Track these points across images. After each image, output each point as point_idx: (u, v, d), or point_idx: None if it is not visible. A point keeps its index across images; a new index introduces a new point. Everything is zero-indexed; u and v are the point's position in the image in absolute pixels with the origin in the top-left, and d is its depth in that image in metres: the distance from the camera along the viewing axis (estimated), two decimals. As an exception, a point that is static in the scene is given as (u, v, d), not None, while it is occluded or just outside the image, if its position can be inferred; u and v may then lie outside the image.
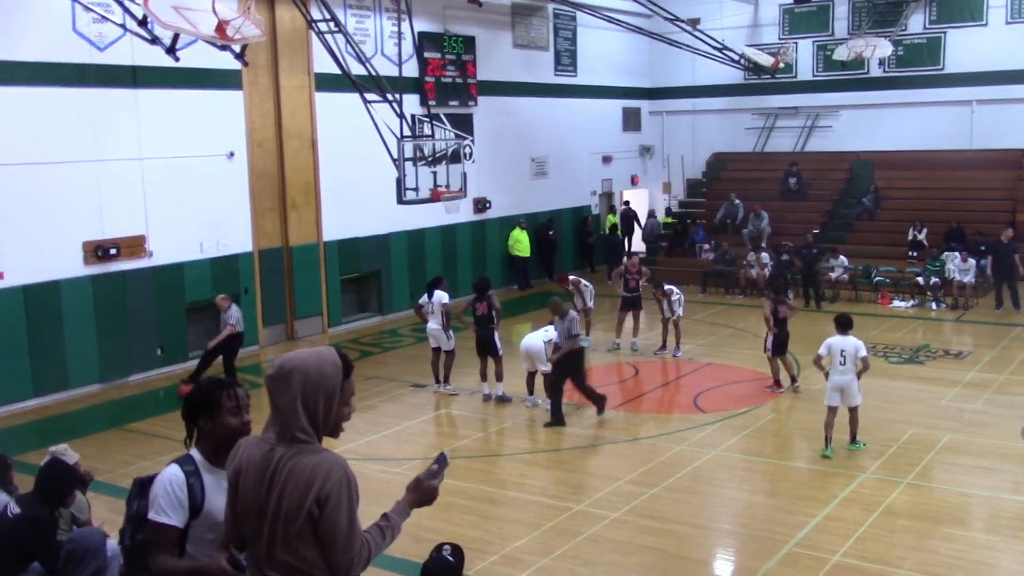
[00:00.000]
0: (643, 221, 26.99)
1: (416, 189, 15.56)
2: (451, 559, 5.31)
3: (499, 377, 13.83)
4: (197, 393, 3.97)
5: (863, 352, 11.07)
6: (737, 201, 25.07)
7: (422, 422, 13.23)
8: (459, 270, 21.65)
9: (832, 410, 11.13)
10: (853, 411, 11.20)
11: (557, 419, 12.58)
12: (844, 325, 11.27)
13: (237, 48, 13.26)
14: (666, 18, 23.12)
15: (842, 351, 11.04)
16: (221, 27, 12.18)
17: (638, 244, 26.73)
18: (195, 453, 3.95)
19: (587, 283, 17.24)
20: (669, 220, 27.48)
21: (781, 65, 25.16)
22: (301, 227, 18.45)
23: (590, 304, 17.06)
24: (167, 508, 3.81)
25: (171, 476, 3.87)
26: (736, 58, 24.08)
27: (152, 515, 3.86)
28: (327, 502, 3.35)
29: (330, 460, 3.41)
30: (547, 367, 13.25)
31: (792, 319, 14.23)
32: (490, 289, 14.28)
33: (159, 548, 3.88)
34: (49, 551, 6.23)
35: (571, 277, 17.52)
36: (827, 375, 11.19)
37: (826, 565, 8.30)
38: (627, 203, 27.34)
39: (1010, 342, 16.94)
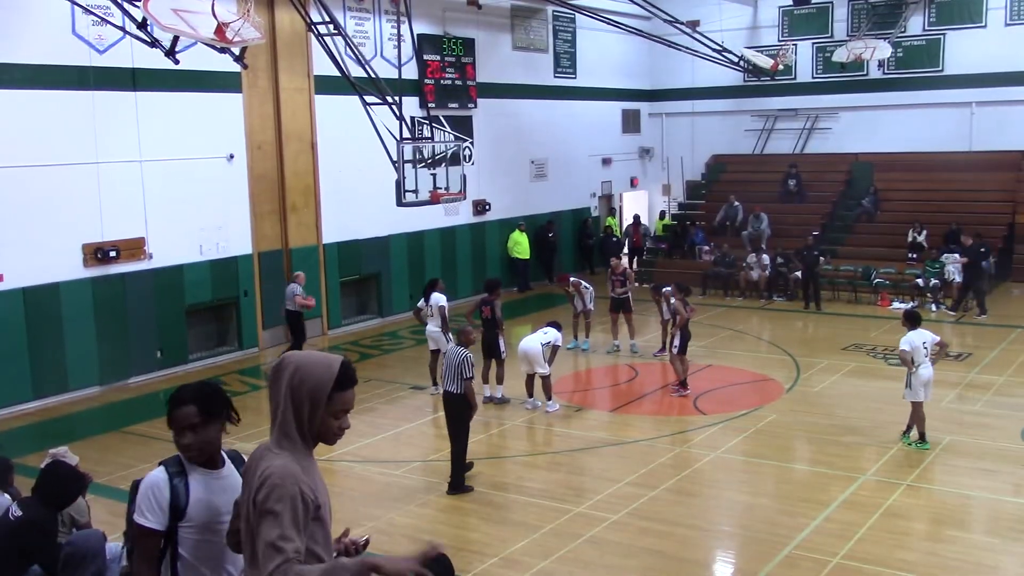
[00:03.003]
0: (623, 228, 26.97)
1: (416, 191, 15.55)
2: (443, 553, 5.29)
3: (499, 380, 13.86)
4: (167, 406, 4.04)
5: (937, 338, 11.40)
6: (737, 203, 25.06)
7: (421, 424, 13.22)
8: (459, 272, 21.66)
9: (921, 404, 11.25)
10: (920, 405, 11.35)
11: (453, 481, 10.45)
12: (917, 320, 11.46)
13: (236, 51, 13.25)
14: (665, 20, 23.16)
15: (924, 343, 11.20)
16: (220, 29, 12.18)
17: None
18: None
19: (588, 285, 17.23)
20: (666, 222, 27.45)
21: (780, 67, 25.20)
22: (301, 229, 18.45)
23: (590, 306, 17.05)
24: (146, 511, 3.85)
25: (152, 478, 3.91)
26: (735, 60, 24.11)
27: (135, 516, 3.91)
28: (263, 511, 3.25)
29: (281, 471, 3.29)
30: (545, 369, 13.27)
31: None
32: (499, 290, 14.32)
33: (139, 552, 3.92)
34: (50, 554, 6.22)
35: (572, 279, 17.51)
36: (914, 369, 11.25)
37: (826, 567, 8.29)
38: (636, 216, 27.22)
39: (1010, 344, 16.93)
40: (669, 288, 16.47)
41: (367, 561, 3.18)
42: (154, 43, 12.59)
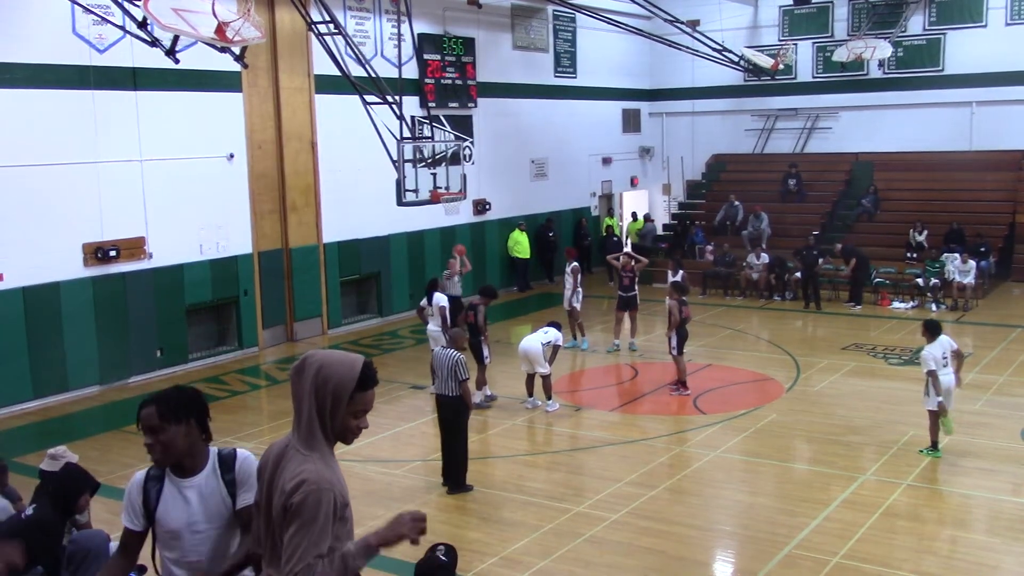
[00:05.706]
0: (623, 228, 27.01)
1: (416, 191, 15.55)
2: (444, 559, 5.31)
3: (479, 384, 13.84)
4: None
5: (955, 345, 11.18)
6: (737, 203, 25.06)
7: (421, 423, 13.21)
8: (459, 272, 21.62)
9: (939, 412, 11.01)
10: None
11: (455, 480, 10.46)
12: (938, 330, 11.21)
13: (237, 50, 13.26)
14: (666, 19, 23.16)
15: (944, 354, 11.03)
16: (221, 29, 12.19)
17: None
18: None
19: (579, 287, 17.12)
20: (639, 226, 27.37)
21: (781, 66, 25.19)
22: (301, 229, 18.45)
23: (576, 304, 16.90)
24: (126, 510, 4.01)
25: (132, 480, 4.05)
26: (736, 59, 24.10)
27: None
28: (295, 513, 3.29)
29: (317, 477, 3.32)
30: (546, 369, 13.27)
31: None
32: (492, 299, 14.28)
33: (119, 546, 4.09)
34: (55, 556, 6.23)
35: (575, 263, 17.31)
36: (932, 385, 10.92)
37: (826, 567, 8.29)
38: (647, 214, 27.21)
39: (1010, 343, 16.93)
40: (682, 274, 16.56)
41: (370, 541, 3.39)
42: (154, 42, 12.59)
